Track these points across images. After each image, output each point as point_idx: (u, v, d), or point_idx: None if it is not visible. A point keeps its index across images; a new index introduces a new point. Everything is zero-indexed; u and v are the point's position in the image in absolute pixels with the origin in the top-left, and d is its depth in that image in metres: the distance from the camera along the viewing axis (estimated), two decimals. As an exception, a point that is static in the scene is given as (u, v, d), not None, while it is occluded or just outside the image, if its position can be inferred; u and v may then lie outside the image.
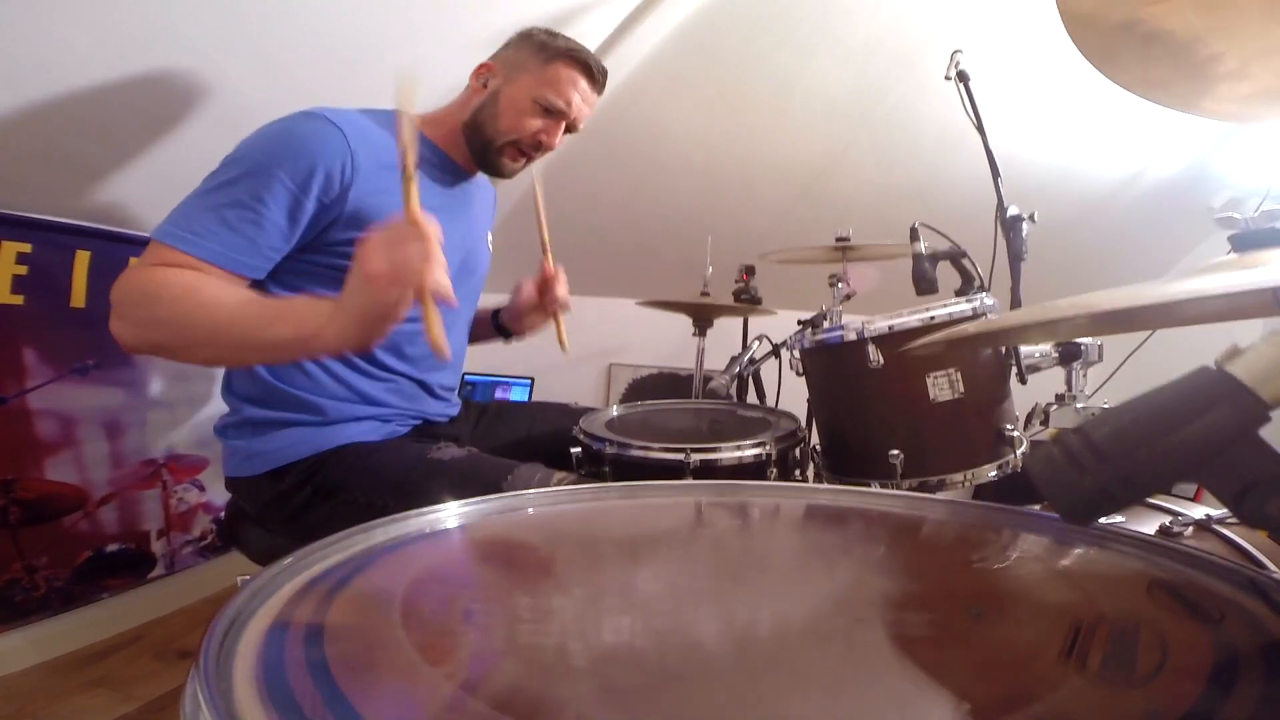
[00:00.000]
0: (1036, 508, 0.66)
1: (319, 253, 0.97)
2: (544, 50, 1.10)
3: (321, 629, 0.41)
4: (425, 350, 1.05)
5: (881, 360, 1.04)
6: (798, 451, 1.20)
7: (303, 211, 0.92)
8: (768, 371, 1.80)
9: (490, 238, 1.29)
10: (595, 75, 1.13)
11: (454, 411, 1.23)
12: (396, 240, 0.74)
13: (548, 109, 1.10)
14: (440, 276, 0.74)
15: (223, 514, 1.76)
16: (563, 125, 1.13)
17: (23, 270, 1.36)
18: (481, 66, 1.13)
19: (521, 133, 1.10)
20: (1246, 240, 0.57)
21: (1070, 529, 0.56)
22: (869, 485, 1.06)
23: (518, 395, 2.63)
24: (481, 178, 1.23)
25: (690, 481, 0.97)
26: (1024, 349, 1.11)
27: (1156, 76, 0.68)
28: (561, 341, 1.23)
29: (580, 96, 1.12)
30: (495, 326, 1.32)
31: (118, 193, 1.42)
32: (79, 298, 1.45)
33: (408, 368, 1.10)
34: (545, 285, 1.23)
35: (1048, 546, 0.57)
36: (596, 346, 2.76)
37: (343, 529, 0.55)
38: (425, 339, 0.75)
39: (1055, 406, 1.08)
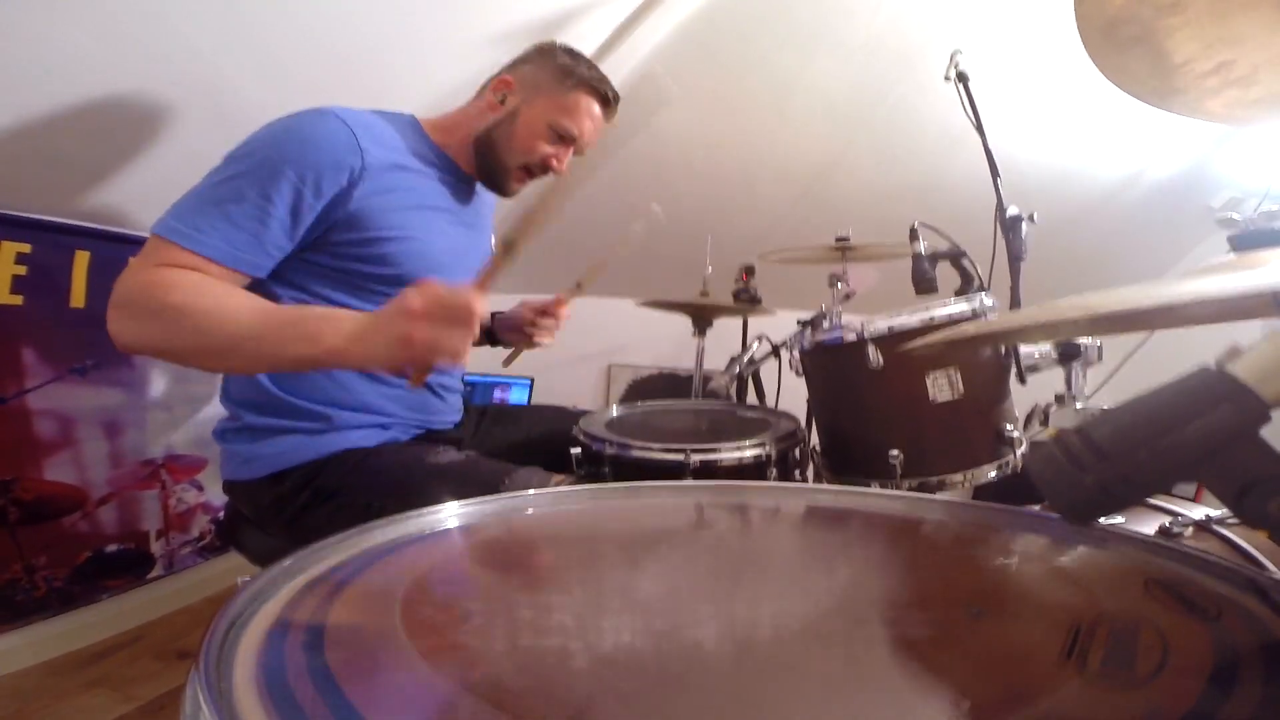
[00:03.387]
0: (1036, 508, 0.66)
1: (321, 253, 0.96)
2: (567, 77, 1.11)
3: (322, 630, 0.41)
4: None
5: (881, 360, 1.04)
6: (797, 452, 1.19)
7: (308, 209, 0.90)
8: (767, 372, 1.79)
9: (493, 241, 1.30)
10: (611, 104, 1.15)
11: (456, 417, 1.23)
12: (449, 318, 0.74)
13: (562, 135, 1.12)
14: (465, 357, 0.76)
15: (221, 515, 1.76)
16: (571, 149, 1.15)
17: (22, 270, 1.36)
18: (500, 81, 1.13)
19: (533, 156, 1.12)
20: (1246, 240, 0.57)
21: (1070, 529, 0.56)
22: (869, 485, 1.06)
23: (517, 396, 2.63)
24: None
25: (690, 482, 0.97)
26: (1023, 349, 1.11)
27: (1168, 85, 0.69)
28: (506, 360, 1.33)
29: (593, 123, 1.14)
30: (485, 330, 1.34)
31: (117, 193, 1.41)
32: (78, 298, 1.45)
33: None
34: (548, 313, 1.26)
35: (1048, 546, 0.57)
36: (596, 346, 2.75)
37: (341, 532, 0.55)
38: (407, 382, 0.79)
39: (1055, 407, 1.08)
